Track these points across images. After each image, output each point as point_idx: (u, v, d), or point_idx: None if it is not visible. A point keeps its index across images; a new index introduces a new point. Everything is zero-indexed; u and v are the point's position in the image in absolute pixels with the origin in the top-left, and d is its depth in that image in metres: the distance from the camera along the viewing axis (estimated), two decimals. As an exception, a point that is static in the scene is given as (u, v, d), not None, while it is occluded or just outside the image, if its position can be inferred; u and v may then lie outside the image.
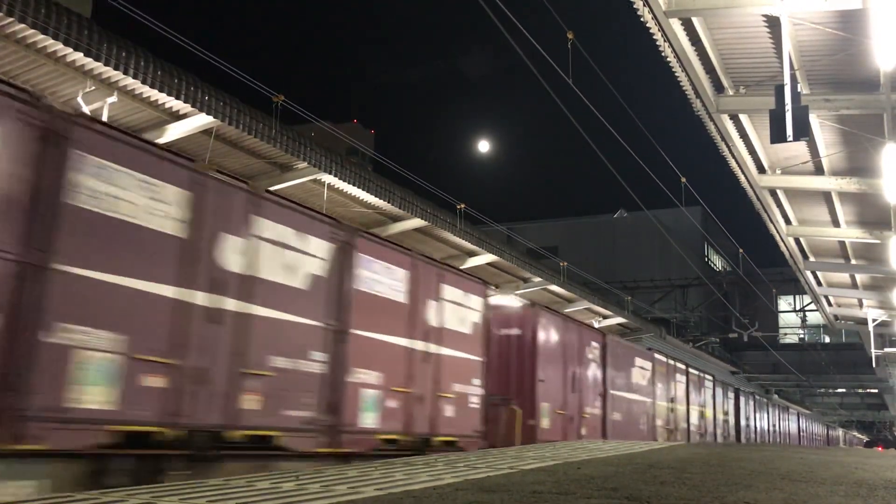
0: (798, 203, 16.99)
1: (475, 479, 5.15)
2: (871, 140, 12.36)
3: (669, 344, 28.78)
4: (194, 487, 4.67)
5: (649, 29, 10.04)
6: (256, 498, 4.26)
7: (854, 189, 14.68)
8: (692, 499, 4.42)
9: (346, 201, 13.67)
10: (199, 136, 10.77)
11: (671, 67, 10.99)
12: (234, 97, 10.45)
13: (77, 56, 8.67)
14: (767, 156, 14.67)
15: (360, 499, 4.17)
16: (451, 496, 4.27)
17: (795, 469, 7.09)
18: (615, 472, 6.03)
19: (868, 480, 6.19)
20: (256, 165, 12.09)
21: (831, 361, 41.38)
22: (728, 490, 4.95)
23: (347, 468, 6.10)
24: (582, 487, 4.82)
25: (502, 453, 8.02)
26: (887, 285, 21.15)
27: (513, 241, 24.10)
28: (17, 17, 7.84)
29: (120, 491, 4.51)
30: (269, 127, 11.00)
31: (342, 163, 12.69)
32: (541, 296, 20.09)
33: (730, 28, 10.64)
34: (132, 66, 9.07)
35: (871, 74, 10.79)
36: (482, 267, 17.56)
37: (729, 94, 12.07)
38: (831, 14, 9.66)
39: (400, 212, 14.24)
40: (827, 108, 11.69)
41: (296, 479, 5.16)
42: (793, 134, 9.35)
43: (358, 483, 4.86)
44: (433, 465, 6.34)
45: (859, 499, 4.86)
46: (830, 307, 26.95)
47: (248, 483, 4.93)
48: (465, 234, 16.12)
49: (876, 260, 19.11)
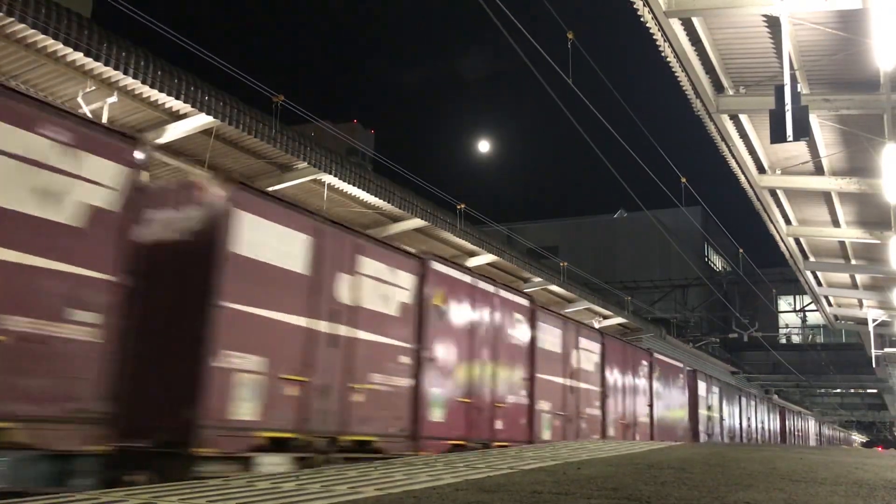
0: (798, 203, 17.00)
1: (475, 480, 5.15)
2: (871, 140, 12.37)
3: (669, 344, 28.79)
4: (194, 487, 4.67)
5: (649, 29, 10.04)
6: (256, 498, 4.26)
7: (854, 189, 14.68)
8: (692, 499, 4.42)
9: (346, 201, 13.67)
10: (199, 136, 10.78)
11: (671, 67, 10.99)
12: (234, 97, 10.46)
13: (77, 56, 8.68)
14: (767, 156, 14.67)
15: (360, 499, 4.17)
16: (451, 496, 4.27)
17: (796, 469, 7.09)
18: (615, 472, 6.03)
19: (868, 480, 6.19)
20: (256, 165, 12.10)
21: (831, 361, 41.40)
22: (728, 490, 4.95)
23: (347, 468, 6.10)
24: (582, 487, 4.82)
25: (502, 453, 8.03)
26: (887, 285, 21.15)
27: (513, 241, 24.11)
28: (17, 17, 7.85)
29: (120, 491, 4.51)
30: (269, 127, 11.01)
31: (342, 163, 12.70)
32: (541, 296, 20.10)
33: (730, 28, 10.64)
34: (132, 66, 9.08)
35: (871, 74, 10.79)
36: (482, 267, 17.57)
37: (729, 94, 12.07)
38: (831, 14, 9.66)
39: (400, 212, 14.25)
40: (827, 108, 11.69)
41: (296, 479, 5.16)
42: (793, 134, 9.35)
43: (358, 483, 4.86)
44: (433, 465, 6.35)
45: (859, 499, 4.86)
46: (830, 307, 26.96)
47: (248, 483, 4.93)
48: (465, 234, 16.13)
49: (876, 260, 19.11)
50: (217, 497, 4.25)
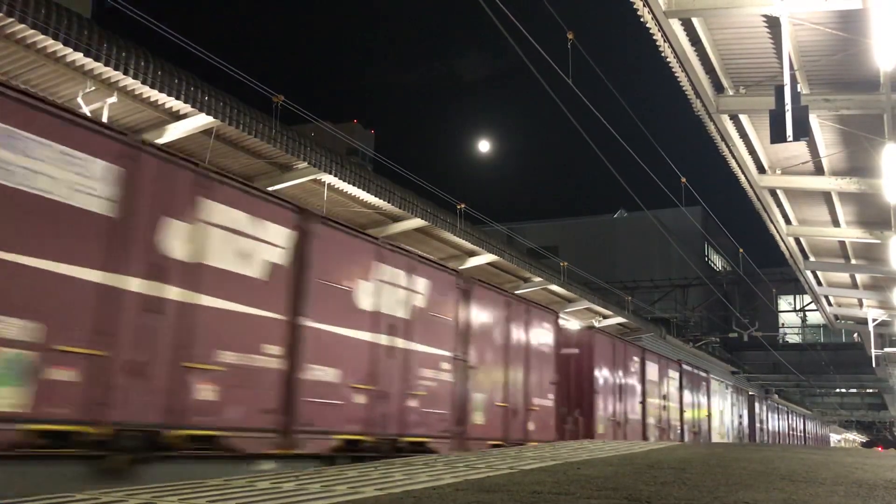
0: (798, 203, 17.00)
1: (475, 480, 5.15)
2: (871, 140, 12.36)
3: (669, 344, 28.78)
4: (194, 487, 4.67)
5: (649, 29, 10.04)
6: (256, 498, 4.26)
7: (854, 189, 14.68)
8: (692, 499, 4.42)
9: (346, 201, 13.67)
10: (199, 136, 10.77)
11: (671, 68, 10.99)
12: (234, 97, 10.45)
13: (77, 56, 8.67)
14: (767, 156, 14.67)
15: (360, 499, 4.17)
16: (451, 496, 4.27)
17: (795, 469, 7.09)
18: (615, 472, 6.03)
19: (868, 480, 6.19)
20: (256, 165, 12.09)
21: (831, 361, 41.37)
22: (728, 490, 4.95)
23: (347, 468, 6.10)
24: (582, 487, 4.82)
25: (502, 453, 8.03)
26: (887, 285, 21.15)
27: (513, 241, 24.10)
28: (17, 17, 7.84)
29: (120, 491, 4.51)
30: (269, 127, 11.00)
31: (342, 163, 12.69)
32: (541, 296, 20.09)
33: (730, 28, 10.64)
34: (132, 66, 9.07)
35: (871, 74, 10.79)
36: (482, 267, 17.57)
37: (729, 94, 12.07)
38: (831, 14, 9.66)
39: (400, 212, 14.24)
40: (827, 108, 11.68)
41: (296, 479, 5.16)
42: (793, 134, 9.35)
43: (358, 483, 4.86)
44: (433, 465, 6.35)
45: (859, 499, 4.86)
46: (830, 307, 26.96)
47: (248, 483, 4.93)
48: (466, 234, 16.12)
49: (876, 260, 19.11)
50: (217, 497, 4.25)
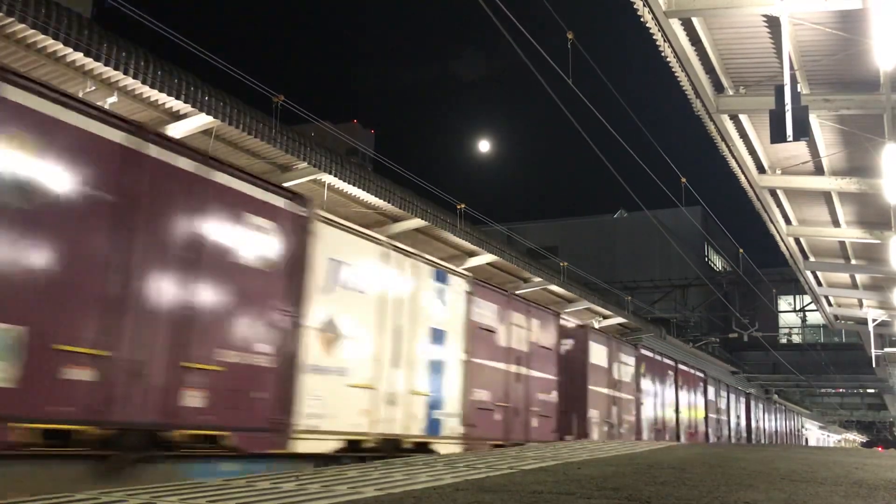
0: (798, 203, 16.99)
1: (475, 480, 5.15)
2: (871, 140, 12.36)
3: (670, 344, 28.77)
4: (194, 487, 4.67)
5: (649, 29, 10.04)
6: (256, 498, 4.26)
7: (854, 189, 14.67)
8: (692, 499, 4.42)
9: (346, 201, 13.67)
10: (199, 136, 10.76)
11: (671, 67, 10.99)
12: (234, 97, 10.45)
13: (77, 56, 8.67)
14: (767, 156, 14.66)
15: (360, 499, 4.17)
16: (451, 496, 4.26)
17: (796, 469, 7.09)
18: (615, 472, 6.03)
19: (868, 480, 6.19)
20: (256, 165, 12.08)
21: (831, 361, 41.38)
22: (728, 490, 4.95)
23: (347, 468, 6.09)
24: (582, 487, 4.82)
25: (502, 453, 8.03)
26: (887, 285, 21.15)
27: (513, 241, 24.10)
28: (17, 17, 7.84)
29: (120, 491, 4.50)
30: (269, 127, 11.00)
31: (342, 163, 12.69)
32: (541, 296, 20.09)
33: (730, 28, 10.64)
34: (132, 66, 9.07)
35: (871, 74, 10.78)
36: (482, 267, 17.56)
37: (729, 94, 12.07)
38: (831, 14, 9.65)
39: (400, 212, 14.24)
40: (827, 108, 11.68)
41: (296, 479, 5.16)
42: (793, 134, 9.34)
43: (358, 483, 4.86)
44: (433, 465, 6.34)
45: (859, 499, 4.86)
46: (830, 307, 26.94)
47: (248, 483, 4.93)
48: (465, 234, 16.11)
49: (876, 260, 19.10)
50: (217, 497, 4.25)
